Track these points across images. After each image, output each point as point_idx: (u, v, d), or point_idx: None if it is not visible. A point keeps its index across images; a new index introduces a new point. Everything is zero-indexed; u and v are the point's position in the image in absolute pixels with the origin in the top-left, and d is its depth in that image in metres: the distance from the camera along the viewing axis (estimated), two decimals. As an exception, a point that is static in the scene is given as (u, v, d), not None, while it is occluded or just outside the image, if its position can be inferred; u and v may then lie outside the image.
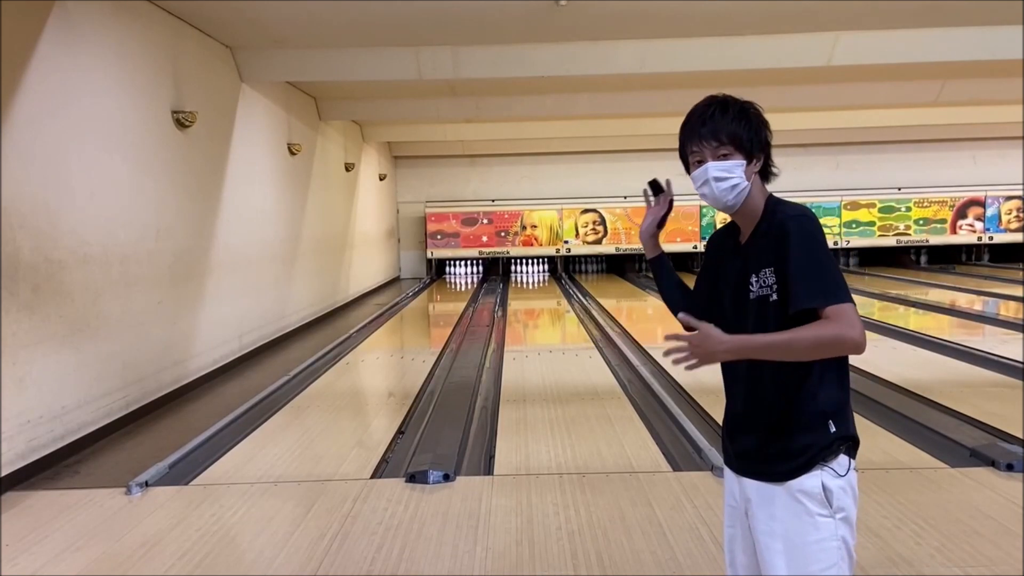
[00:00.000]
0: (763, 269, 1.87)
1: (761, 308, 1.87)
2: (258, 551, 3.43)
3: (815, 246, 1.81)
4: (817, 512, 1.82)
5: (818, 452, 1.83)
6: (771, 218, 1.89)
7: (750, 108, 1.93)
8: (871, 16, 7.14)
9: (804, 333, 1.75)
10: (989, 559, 3.12)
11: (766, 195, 1.95)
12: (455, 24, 7.09)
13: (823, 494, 1.82)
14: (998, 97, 10.74)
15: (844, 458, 1.85)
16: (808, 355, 1.80)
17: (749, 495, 1.93)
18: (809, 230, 1.82)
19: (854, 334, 1.74)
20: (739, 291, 1.94)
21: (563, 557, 3.24)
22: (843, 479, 1.83)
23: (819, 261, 1.79)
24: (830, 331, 1.74)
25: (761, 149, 1.93)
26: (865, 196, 16.74)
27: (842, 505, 1.83)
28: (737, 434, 1.99)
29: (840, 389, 1.88)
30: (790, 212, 1.87)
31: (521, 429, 5.09)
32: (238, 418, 5.54)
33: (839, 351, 1.79)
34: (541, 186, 17.24)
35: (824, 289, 1.77)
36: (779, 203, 1.92)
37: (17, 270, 4.34)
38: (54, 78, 4.77)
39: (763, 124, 1.93)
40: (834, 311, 1.75)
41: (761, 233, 1.91)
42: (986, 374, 6.41)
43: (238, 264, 7.75)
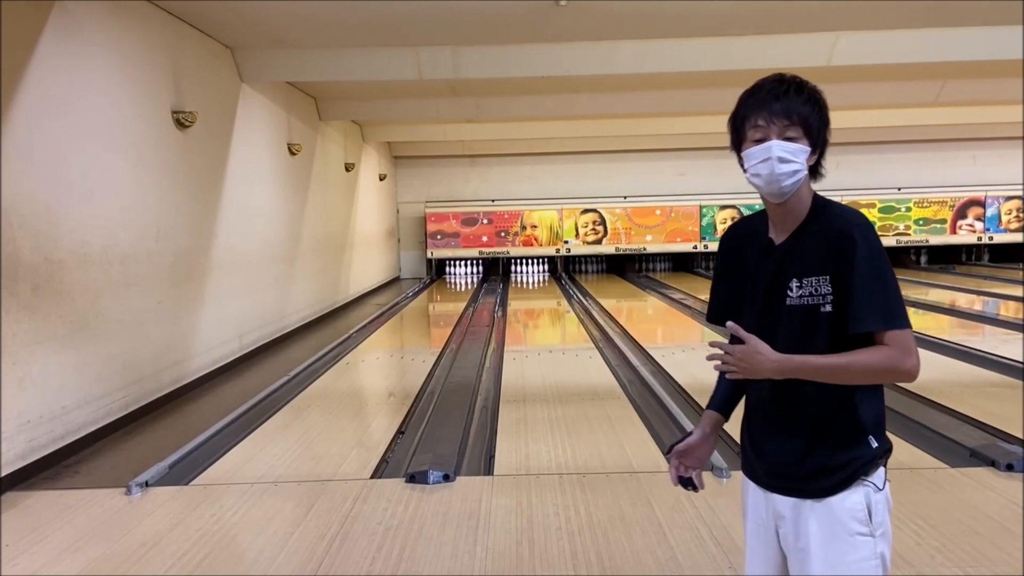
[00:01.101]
0: (812, 276, 1.73)
1: (806, 318, 1.74)
2: (258, 551, 3.42)
3: (882, 263, 1.69)
4: (858, 531, 1.73)
5: (860, 467, 1.74)
6: (823, 219, 1.76)
7: (820, 98, 1.79)
8: (871, 16, 7.14)
9: (860, 359, 1.68)
10: (989, 559, 3.12)
11: (812, 192, 1.81)
12: (455, 24, 7.09)
13: (866, 511, 1.73)
14: (998, 97, 10.74)
15: (882, 470, 1.78)
16: (859, 381, 1.73)
17: (782, 512, 1.81)
18: (876, 244, 1.70)
19: (910, 364, 1.68)
20: (772, 295, 1.80)
21: (563, 557, 3.24)
22: (882, 493, 1.76)
23: (886, 281, 1.69)
24: (889, 360, 1.67)
25: (822, 144, 1.80)
26: (865, 196, 16.72)
27: (882, 520, 1.75)
28: (765, 448, 1.86)
29: (877, 399, 1.80)
30: (853, 219, 1.73)
31: (521, 429, 5.09)
32: (238, 418, 5.54)
33: (893, 379, 1.72)
34: (541, 186, 17.24)
35: (888, 312, 1.68)
36: (829, 203, 1.79)
37: (17, 270, 4.34)
38: (54, 78, 4.77)
39: (828, 119, 1.81)
40: (894, 337, 1.66)
41: (810, 234, 1.76)
42: (986, 374, 6.41)
43: (238, 264, 7.75)
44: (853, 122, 13.17)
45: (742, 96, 1.81)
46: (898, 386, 5.85)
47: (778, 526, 1.83)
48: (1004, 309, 10.57)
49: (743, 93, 1.81)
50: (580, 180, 17.09)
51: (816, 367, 1.71)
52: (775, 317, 1.79)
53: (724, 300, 1.96)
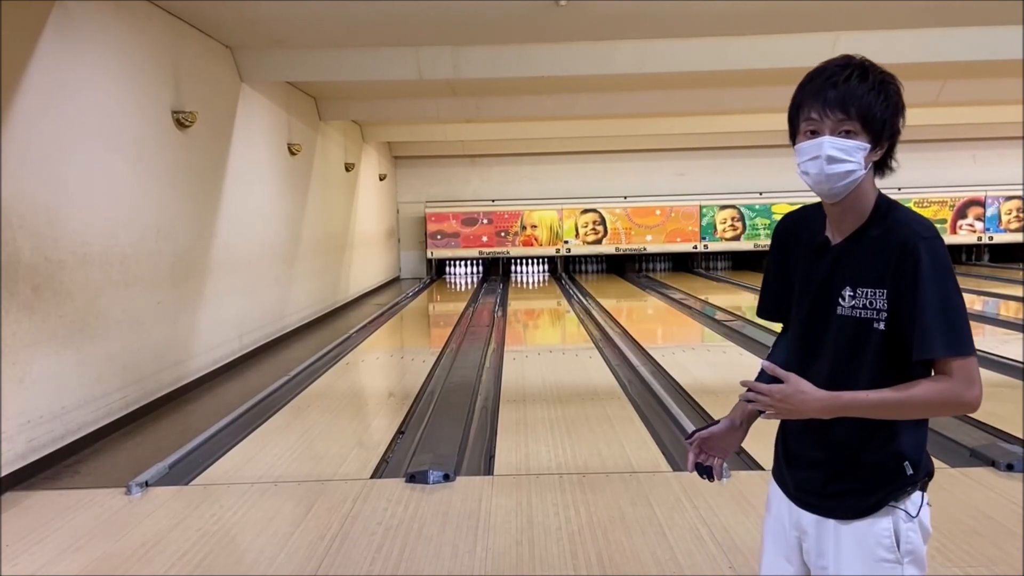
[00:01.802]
0: (867, 287, 1.59)
1: (857, 332, 1.61)
2: (258, 551, 3.42)
3: (949, 283, 1.54)
4: (883, 558, 1.63)
5: (889, 493, 1.64)
6: (886, 224, 1.60)
7: (891, 83, 1.62)
8: (871, 16, 7.14)
9: (918, 394, 1.55)
10: (989, 559, 3.12)
11: (876, 191, 1.65)
12: (455, 24, 7.10)
13: (893, 538, 1.62)
14: (998, 97, 10.74)
15: (918, 496, 1.65)
16: (917, 416, 1.61)
17: (805, 527, 1.73)
18: (944, 261, 1.55)
19: (972, 396, 1.54)
20: (823, 300, 1.66)
21: (563, 557, 3.24)
22: (915, 521, 1.64)
23: (950, 302, 1.54)
24: (948, 393, 1.54)
25: (890, 137, 1.62)
26: (865, 196, 16.71)
27: (912, 548, 1.63)
28: (798, 462, 1.76)
29: (923, 429, 1.68)
30: (919, 229, 1.57)
31: (521, 429, 5.09)
32: (238, 418, 5.54)
33: (953, 412, 1.61)
34: (541, 186, 17.24)
35: (954, 338, 1.53)
36: (895, 207, 1.63)
37: (17, 270, 4.34)
38: (54, 78, 4.77)
39: (901, 107, 1.62)
40: (958, 365, 1.53)
41: (870, 239, 1.61)
42: (986, 374, 6.32)
43: (238, 264, 7.75)
44: (853, 122, 13.14)
45: (802, 80, 1.64)
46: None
47: (801, 540, 1.76)
48: (1004, 309, 10.57)
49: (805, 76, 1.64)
50: (580, 180, 17.08)
51: (869, 404, 1.58)
52: (823, 326, 1.66)
53: (778, 296, 1.82)
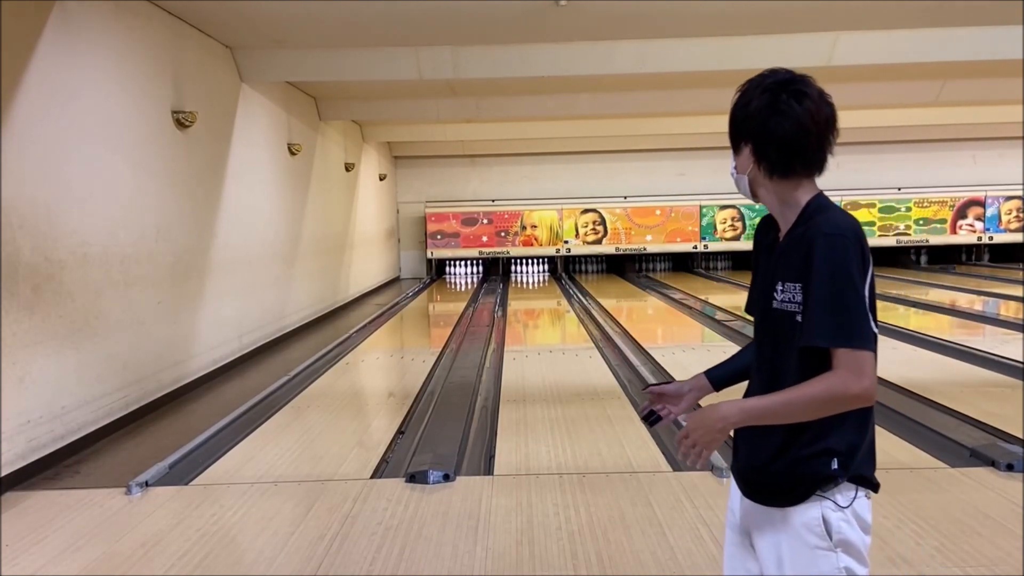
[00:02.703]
0: (790, 282, 1.70)
1: (784, 324, 1.71)
2: (258, 551, 3.43)
3: (840, 275, 1.61)
4: (816, 545, 1.71)
5: (815, 483, 1.71)
6: (807, 224, 1.70)
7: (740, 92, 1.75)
8: (871, 16, 7.14)
9: (802, 391, 1.63)
10: (989, 559, 3.12)
11: (811, 195, 1.74)
12: (455, 24, 7.09)
13: (823, 526, 1.70)
14: (998, 97, 10.74)
15: (849, 489, 1.72)
16: (809, 416, 1.66)
17: (752, 516, 1.84)
18: (838, 254, 1.62)
19: (858, 388, 1.60)
20: (766, 294, 1.77)
21: (563, 557, 3.24)
22: (845, 511, 1.71)
23: (839, 293, 1.61)
24: (834, 387, 1.60)
25: (746, 140, 1.74)
26: (865, 196, 16.73)
27: (844, 538, 1.71)
28: (742, 451, 1.87)
29: (857, 429, 1.72)
30: (825, 227, 1.66)
31: (521, 429, 5.09)
32: (238, 418, 5.54)
33: (842, 408, 1.64)
34: (541, 186, 17.24)
35: (838, 328, 1.60)
36: (821, 209, 1.71)
37: (17, 270, 4.34)
38: (54, 78, 4.77)
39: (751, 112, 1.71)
40: (844, 356, 1.60)
41: (796, 237, 1.71)
42: (986, 374, 6.41)
43: (238, 264, 7.75)
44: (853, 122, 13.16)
45: None
46: (898, 386, 5.85)
47: (751, 532, 1.85)
48: (1004, 309, 10.58)
49: None
50: (580, 180, 17.09)
51: (759, 410, 1.69)
52: (768, 320, 1.78)
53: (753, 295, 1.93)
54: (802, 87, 1.70)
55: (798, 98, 1.68)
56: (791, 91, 1.69)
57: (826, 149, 1.73)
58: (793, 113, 1.67)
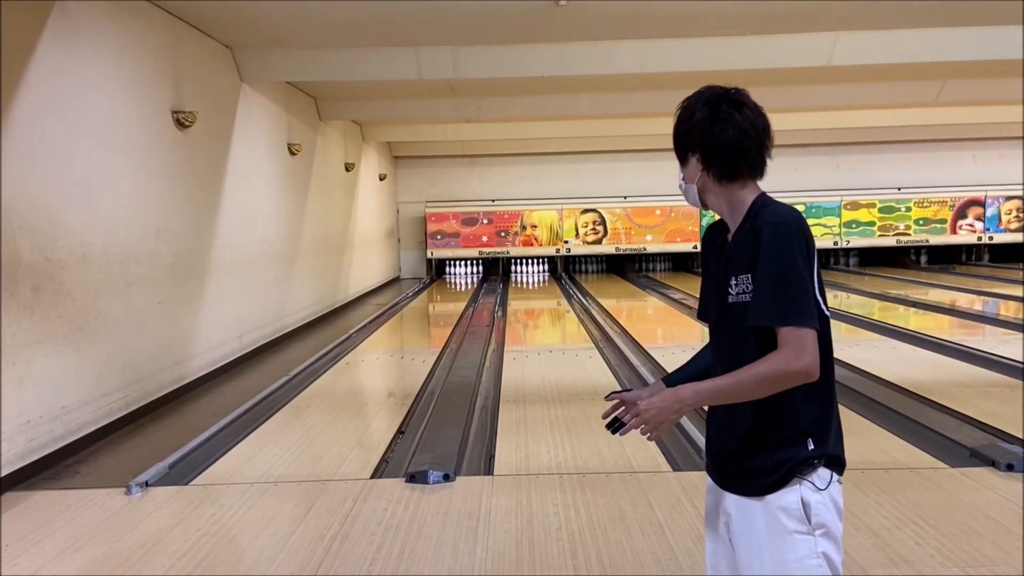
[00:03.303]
0: (742, 274, 1.78)
1: (740, 315, 1.78)
2: (258, 551, 3.43)
3: (784, 258, 1.71)
4: (795, 529, 1.75)
5: (795, 466, 1.76)
6: (753, 220, 1.80)
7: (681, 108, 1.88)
8: (871, 16, 7.14)
9: (749, 371, 1.71)
10: (989, 559, 3.12)
11: (755, 195, 1.84)
12: (455, 24, 7.09)
13: (802, 510, 1.75)
14: (998, 97, 10.74)
15: (825, 472, 1.78)
16: (759, 394, 1.73)
17: (729, 510, 1.87)
18: (782, 240, 1.72)
19: (799, 364, 1.67)
20: (720, 293, 1.86)
21: (563, 557, 3.24)
22: (823, 493, 1.76)
23: (782, 275, 1.70)
24: (777, 364, 1.68)
25: (692, 150, 1.85)
26: (865, 196, 16.73)
27: (823, 521, 1.76)
28: (713, 444, 1.94)
29: (822, 408, 1.80)
30: (769, 217, 1.76)
31: (521, 429, 5.09)
32: (238, 418, 5.54)
33: (787, 384, 1.71)
34: (541, 186, 17.24)
35: (781, 307, 1.69)
36: (766, 205, 1.81)
37: (17, 270, 4.34)
38: (54, 78, 4.77)
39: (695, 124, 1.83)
40: (787, 335, 1.68)
41: (744, 233, 1.81)
42: (986, 374, 6.41)
43: (238, 264, 7.75)
44: (853, 122, 13.19)
45: None
46: (898, 386, 5.86)
47: (728, 524, 1.88)
48: (1004, 309, 10.57)
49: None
50: (580, 180, 17.08)
51: (711, 391, 1.78)
52: (723, 315, 1.86)
53: (706, 298, 2.03)
54: (740, 98, 1.83)
55: (737, 108, 1.81)
56: (730, 101, 1.81)
57: (765, 154, 1.85)
58: (735, 120, 1.80)
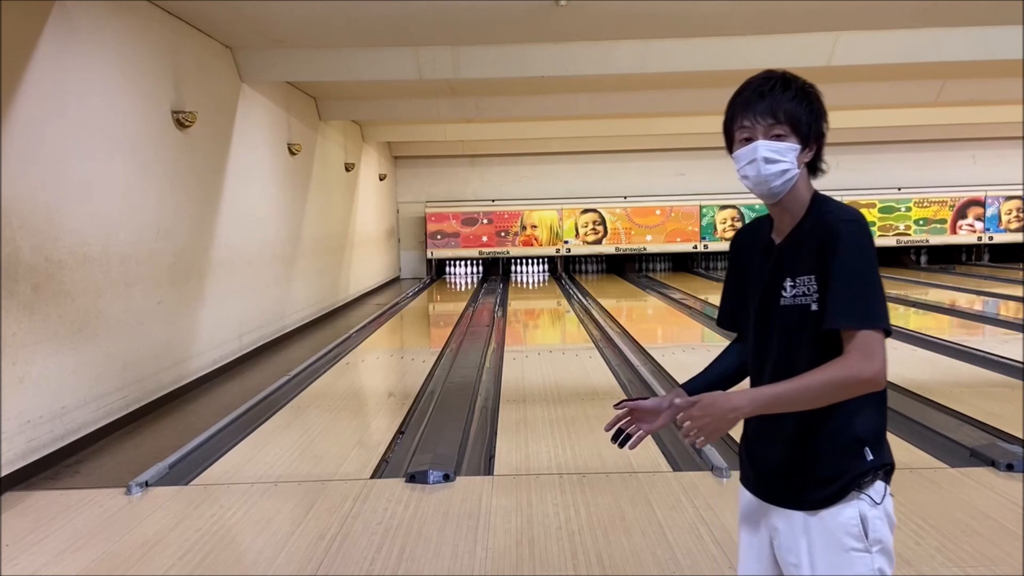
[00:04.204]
0: (803, 275, 1.68)
1: (797, 318, 1.69)
2: (258, 551, 3.43)
3: (863, 259, 1.63)
4: (852, 547, 1.65)
5: (852, 480, 1.67)
6: (817, 217, 1.70)
7: (812, 91, 1.74)
8: (871, 16, 7.14)
9: (816, 377, 1.61)
10: (989, 559, 3.12)
11: (812, 190, 1.76)
12: (455, 24, 7.09)
13: (860, 527, 1.66)
14: (998, 97, 10.73)
15: (880, 484, 1.69)
16: (822, 402, 1.63)
17: (776, 524, 1.76)
18: (862, 240, 1.64)
19: (871, 371, 1.59)
20: (769, 295, 1.75)
21: (563, 557, 3.24)
22: (880, 507, 1.67)
23: (864, 275, 1.62)
24: (845, 371, 1.59)
25: (816, 139, 1.74)
26: (865, 196, 16.72)
27: (879, 536, 1.67)
28: (759, 456, 1.81)
29: (879, 414, 1.72)
30: (843, 215, 1.67)
31: (521, 429, 5.09)
32: (238, 418, 5.54)
33: (854, 392, 1.62)
34: (541, 186, 17.24)
35: (862, 309, 1.61)
36: (827, 201, 1.73)
37: (17, 270, 4.34)
38: (54, 78, 4.77)
39: (822, 113, 1.75)
40: (860, 338, 1.59)
41: (804, 232, 1.71)
42: (986, 374, 6.41)
43: (238, 264, 7.75)
44: (853, 122, 13.16)
45: (731, 97, 1.77)
46: (898, 386, 5.85)
47: (773, 538, 1.78)
48: (1004, 309, 10.57)
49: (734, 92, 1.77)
50: (580, 180, 17.08)
51: (771, 398, 1.65)
52: (771, 319, 1.75)
53: (731, 304, 1.95)
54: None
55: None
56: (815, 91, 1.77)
57: None
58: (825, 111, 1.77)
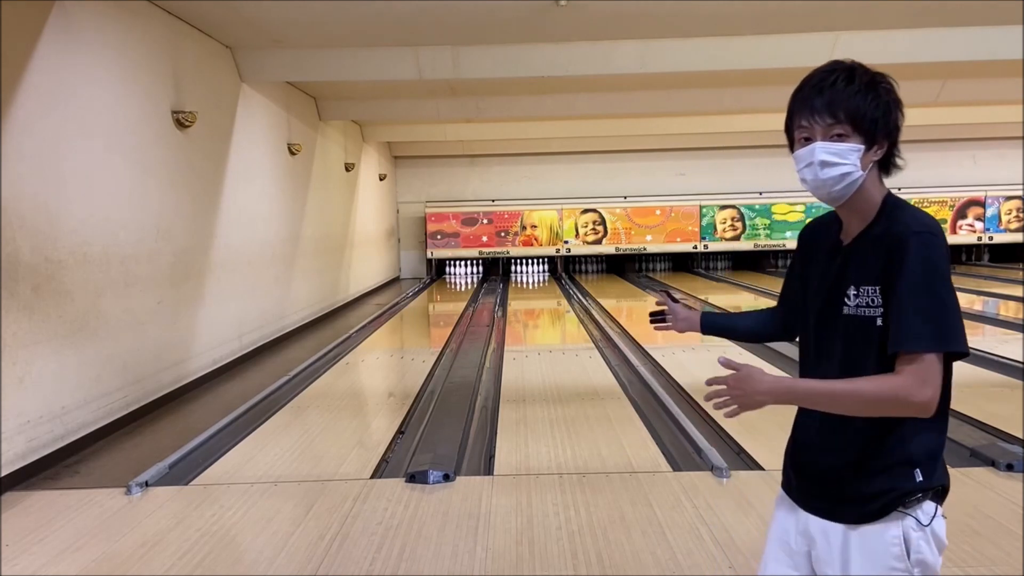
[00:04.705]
0: (868, 285, 1.58)
1: (861, 330, 1.60)
2: (258, 551, 3.43)
3: (936, 275, 1.51)
4: (893, 567, 1.60)
5: (897, 498, 1.61)
6: (888, 222, 1.59)
7: (881, 82, 1.60)
8: (871, 16, 7.14)
9: (861, 387, 1.54)
10: (989, 559, 3.12)
11: (884, 191, 1.65)
12: (455, 24, 7.10)
13: (903, 546, 1.60)
14: (998, 97, 10.74)
15: (930, 505, 1.64)
16: (859, 412, 1.57)
17: (814, 535, 1.71)
18: (933, 254, 1.52)
19: (922, 397, 1.50)
20: (831, 301, 1.66)
21: (563, 557, 3.24)
22: (926, 529, 1.61)
23: (936, 295, 1.51)
24: (888, 390, 1.51)
25: (887, 135, 1.61)
26: (865, 196, 16.72)
27: (923, 559, 1.61)
28: (808, 469, 1.74)
29: (938, 434, 1.65)
30: (914, 224, 1.55)
31: (521, 429, 5.09)
32: (238, 418, 5.54)
33: (899, 413, 1.54)
34: (541, 186, 17.24)
35: (931, 333, 1.50)
36: (900, 205, 1.62)
37: (17, 270, 4.34)
38: (54, 78, 4.77)
39: (894, 104, 1.60)
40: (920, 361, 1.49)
41: (873, 237, 1.61)
42: (986, 374, 6.40)
43: (238, 264, 7.75)
44: (853, 122, 13.13)
45: (794, 90, 1.67)
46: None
47: (810, 548, 1.73)
48: (1004, 309, 10.57)
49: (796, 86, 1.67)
50: (580, 180, 17.09)
51: (808, 392, 1.61)
52: (833, 326, 1.66)
53: (787, 298, 1.89)
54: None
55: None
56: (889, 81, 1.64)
57: None
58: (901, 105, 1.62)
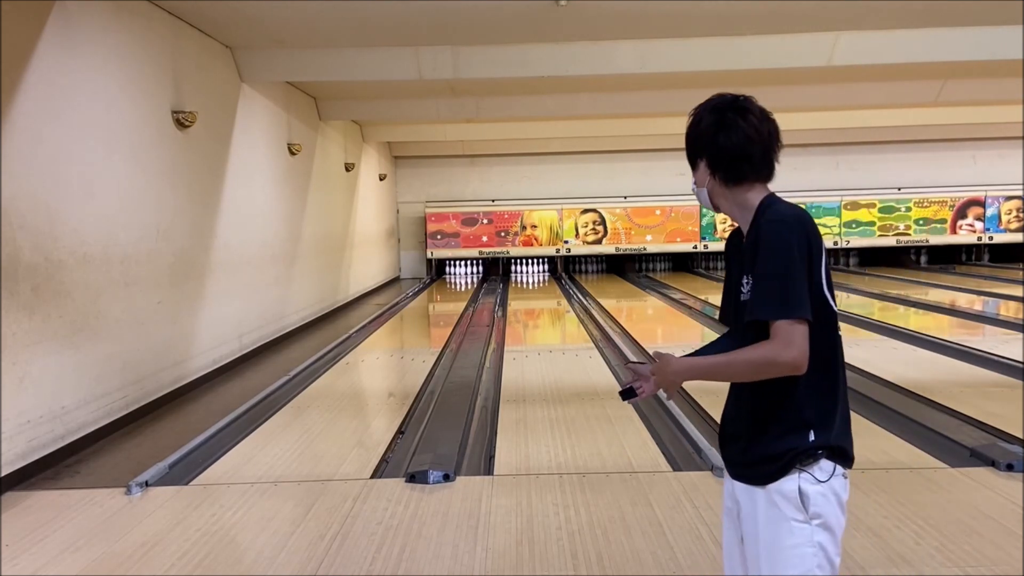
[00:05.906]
0: (748, 273, 1.87)
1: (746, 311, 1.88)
2: (258, 551, 3.43)
3: (778, 255, 1.78)
4: (792, 517, 1.81)
5: (795, 457, 1.83)
6: (758, 220, 1.88)
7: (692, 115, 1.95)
8: (871, 16, 7.14)
9: (741, 355, 1.81)
10: (989, 559, 3.12)
11: (763, 195, 1.91)
12: (455, 24, 7.10)
13: (799, 498, 1.81)
14: (998, 97, 10.73)
15: (827, 464, 1.83)
16: (748, 377, 1.84)
17: (739, 498, 1.95)
18: (778, 237, 1.79)
19: (788, 356, 1.74)
20: (736, 292, 1.95)
21: (563, 557, 3.24)
22: (823, 485, 1.82)
23: (776, 271, 1.77)
24: (761, 354, 1.77)
25: (700, 156, 1.94)
26: (865, 196, 16.73)
27: (820, 511, 1.81)
28: (725, 437, 2.02)
29: (826, 399, 1.86)
30: (771, 215, 1.84)
31: (521, 429, 5.09)
32: (238, 418, 5.54)
33: (774, 373, 1.79)
34: (541, 186, 17.24)
35: (775, 302, 1.76)
36: (771, 205, 1.88)
37: (17, 270, 4.34)
38: (54, 78, 4.77)
39: (702, 131, 1.92)
40: (777, 328, 1.76)
41: (751, 235, 1.90)
42: (986, 374, 6.41)
43: (238, 264, 7.75)
44: (853, 122, 13.17)
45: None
46: (898, 386, 5.86)
47: (738, 512, 1.96)
48: (1004, 309, 10.57)
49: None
50: (580, 180, 17.08)
51: (707, 366, 1.93)
52: (737, 314, 1.94)
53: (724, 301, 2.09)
54: (746, 105, 1.90)
55: (742, 114, 1.89)
56: (735, 109, 1.89)
57: (772, 157, 1.92)
58: (739, 127, 1.88)
